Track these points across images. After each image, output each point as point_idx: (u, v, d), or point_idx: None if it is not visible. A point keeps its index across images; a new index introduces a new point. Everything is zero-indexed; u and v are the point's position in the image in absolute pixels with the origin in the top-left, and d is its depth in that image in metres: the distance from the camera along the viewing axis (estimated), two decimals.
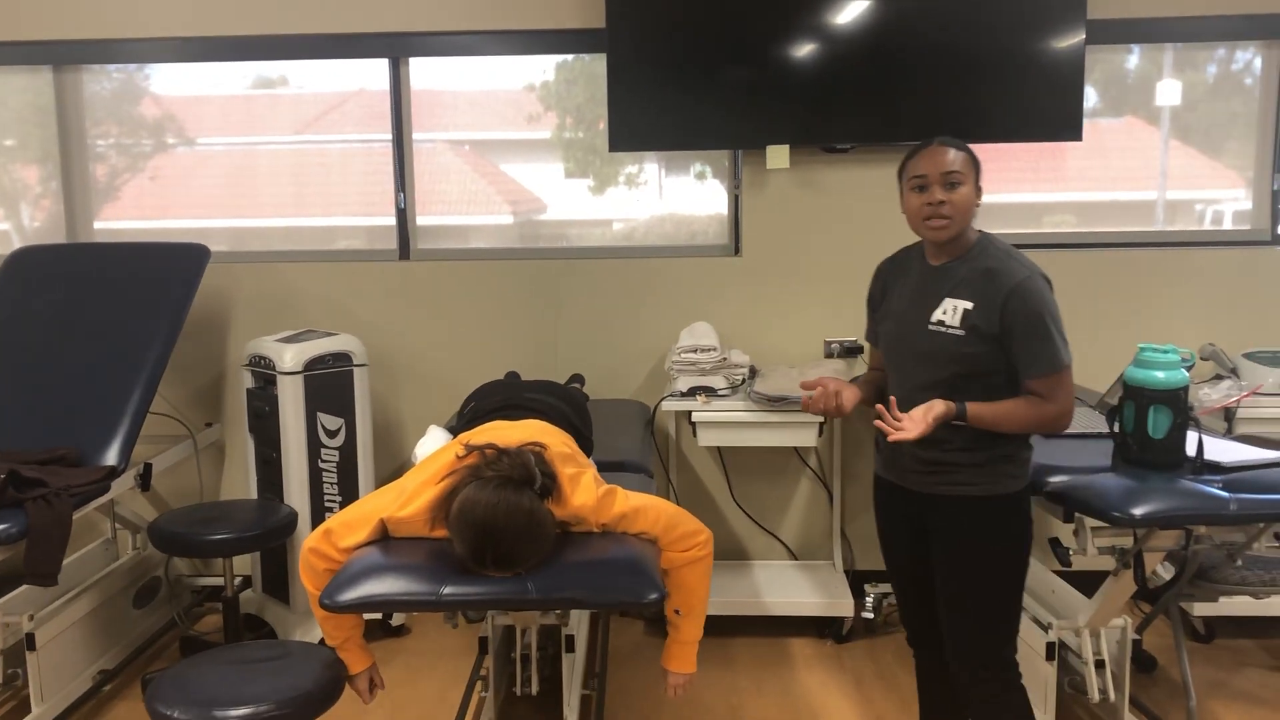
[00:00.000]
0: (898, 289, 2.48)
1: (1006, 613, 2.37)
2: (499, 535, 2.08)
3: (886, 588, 3.94)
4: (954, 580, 2.38)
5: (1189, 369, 2.79)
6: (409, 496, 2.30)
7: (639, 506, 2.33)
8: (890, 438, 2.20)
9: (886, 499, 2.55)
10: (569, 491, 2.28)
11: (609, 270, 4.12)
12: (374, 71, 4.16)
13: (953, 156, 2.28)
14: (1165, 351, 2.65)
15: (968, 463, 2.33)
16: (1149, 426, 2.65)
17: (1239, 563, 3.10)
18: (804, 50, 3.84)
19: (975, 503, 2.34)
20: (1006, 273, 2.28)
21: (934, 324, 2.34)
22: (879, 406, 2.26)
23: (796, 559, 4.24)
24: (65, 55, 4.11)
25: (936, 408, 2.25)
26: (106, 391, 3.44)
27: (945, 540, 2.38)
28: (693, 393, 3.70)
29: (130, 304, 3.66)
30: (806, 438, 3.62)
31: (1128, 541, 2.69)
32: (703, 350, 3.72)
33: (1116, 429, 2.74)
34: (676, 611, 2.43)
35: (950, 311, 2.32)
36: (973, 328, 2.29)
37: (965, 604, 2.37)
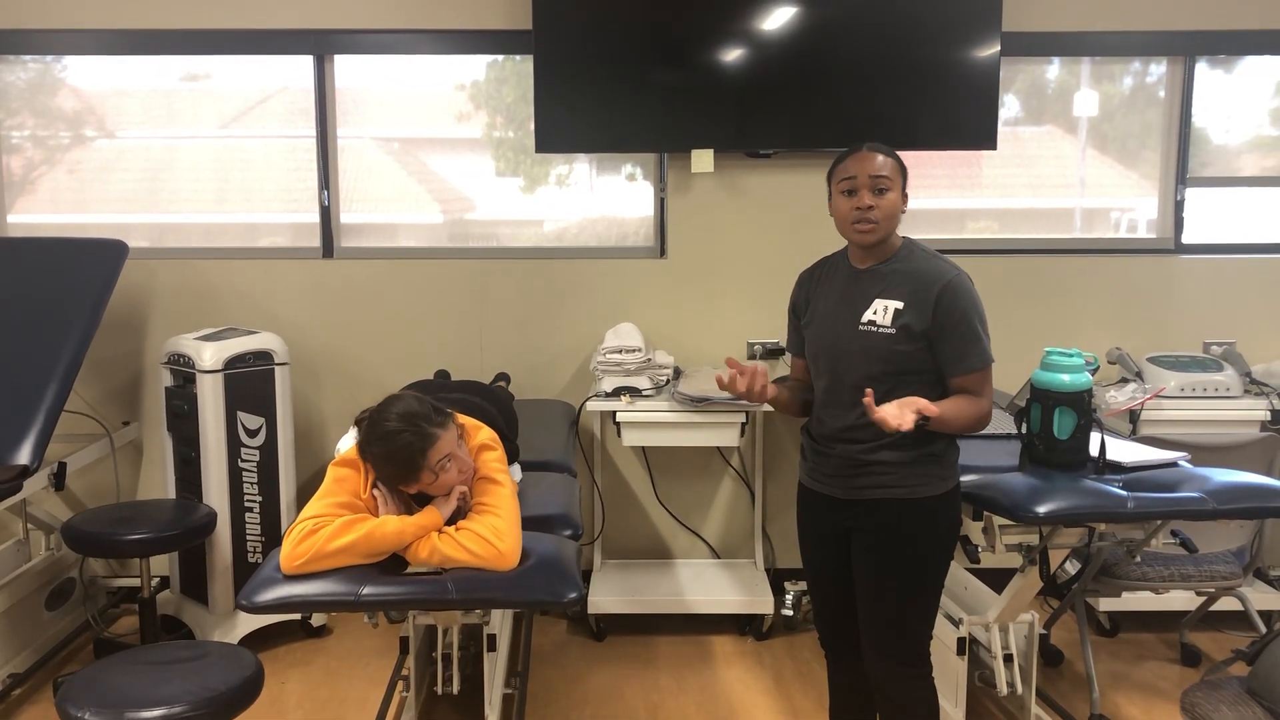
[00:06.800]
0: (823, 294, 2.51)
1: (925, 612, 2.42)
2: (403, 398, 2.32)
3: (806, 585, 4.01)
4: (876, 581, 2.41)
5: (1093, 372, 2.89)
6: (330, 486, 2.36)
7: (497, 485, 2.38)
8: (876, 415, 2.16)
9: (810, 507, 2.57)
10: (471, 429, 2.46)
11: (534, 270, 4.14)
12: (300, 68, 4.12)
13: (881, 162, 2.33)
14: (1070, 355, 2.75)
15: (894, 461, 2.37)
16: (1054, 428, 2.75)
17: (1138, 559, 3.23)
18: (729, 57, 3.90)
19: (900, 504, 2.37)
20: (936, 272, 2.34)
21: (865, 324, 2.38)
22: (868, 393, 2.20)
23: (719, 557, 4.30)
24: None
25: (915, 401, 2.22)
26: (19, 389, 3.37)
27: (869, 542, 2.41)
28: (617, 393, 3.73)
29: (45, 300, 3.59)
30: (729, 438, 3.68)
31: (1034, 539, 2.79)
32: (628, 351, 3.76)
33: (1024, 430, 2.84)
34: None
35: (881, 311, 2.37)
36: (904, 327, 2.34)
37: (886, 604, 2.41)
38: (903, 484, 2.37)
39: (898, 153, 2.41)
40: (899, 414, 2.18)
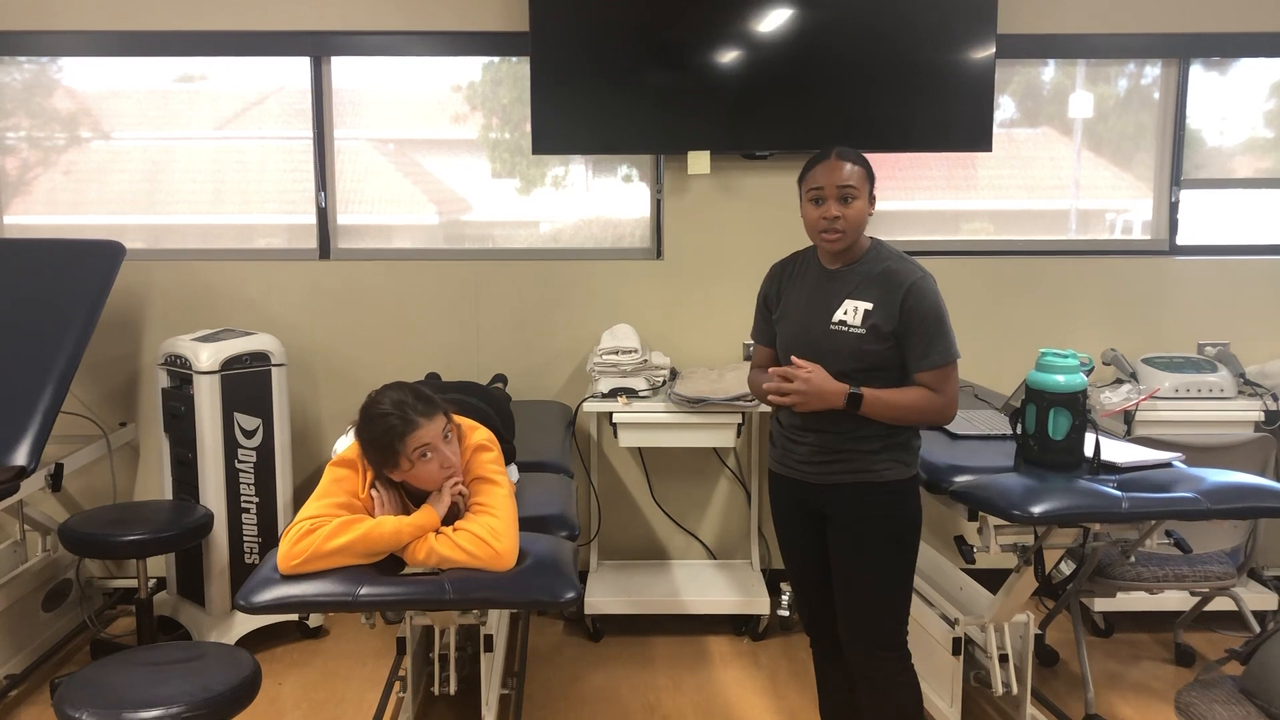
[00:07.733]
0: (794, 291, 2.57)
1: (899, 597, 2.48)
2: (402, 387, 2.33)
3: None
4: (849, 565, 2.47)
5: (1088, 373, 2.90)
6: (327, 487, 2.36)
7: (494, 485, 2.38)
8: (787, 400, 2.36)
9: (782, 493, 2.63)
10: (467, 429, 2.46)
11: (531, 271, 4.15)
12: (296, 68, 4.13)
13: (848, 171, 2.39)
14: (1065, 356, 2.76)
15: (864, 449, 2.44)
16: (1049, 428, 2.76)
17: (1132, 559, 3.24)
18: (726, 58, 3.91)
19: (870, 489, 2.45)
20: (903, 272, 2.42)
21: (835, 324, 2.45)
22: (795, 360, 2.39)
23: (715, 558, 4.30)
24: None
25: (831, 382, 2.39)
26: (16, 390, 3.37)
27: (841, 526, 2.48)
28: (614, 394, 3.74)
29: (42, 301, 3.59)
30: (725, 438, 3.69)
31: (1029, 539, 2.79)
32: (624, 352, 3.77)
33: (1019, 430, 2.85)
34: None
35: (851, 312, 2.43)
36: (873, 327, 2.40)
37: (860, 589, 2.47)
38: (871, 469, 2.45)
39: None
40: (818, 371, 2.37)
